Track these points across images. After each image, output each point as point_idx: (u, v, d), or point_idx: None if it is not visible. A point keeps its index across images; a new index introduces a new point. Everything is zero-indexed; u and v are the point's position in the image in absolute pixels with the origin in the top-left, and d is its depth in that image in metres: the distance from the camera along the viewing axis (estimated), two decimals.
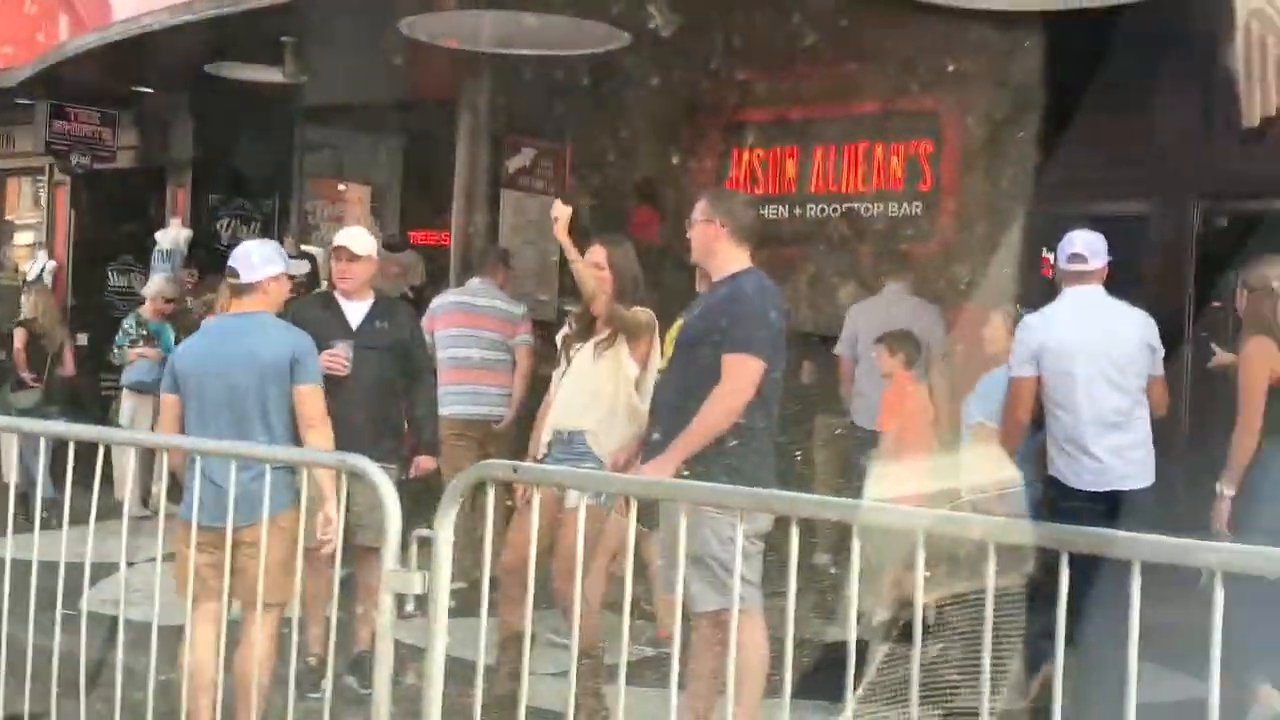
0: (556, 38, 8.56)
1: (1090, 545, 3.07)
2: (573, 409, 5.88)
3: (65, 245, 13.92)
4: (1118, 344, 5.94)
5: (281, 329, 5.63)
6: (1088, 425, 5.87)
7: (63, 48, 10.96)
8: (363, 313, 6.50)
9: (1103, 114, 8.27)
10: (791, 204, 10.05)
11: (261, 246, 5.78)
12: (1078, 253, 6.04)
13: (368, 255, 6.53)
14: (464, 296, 8.61)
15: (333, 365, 6.19)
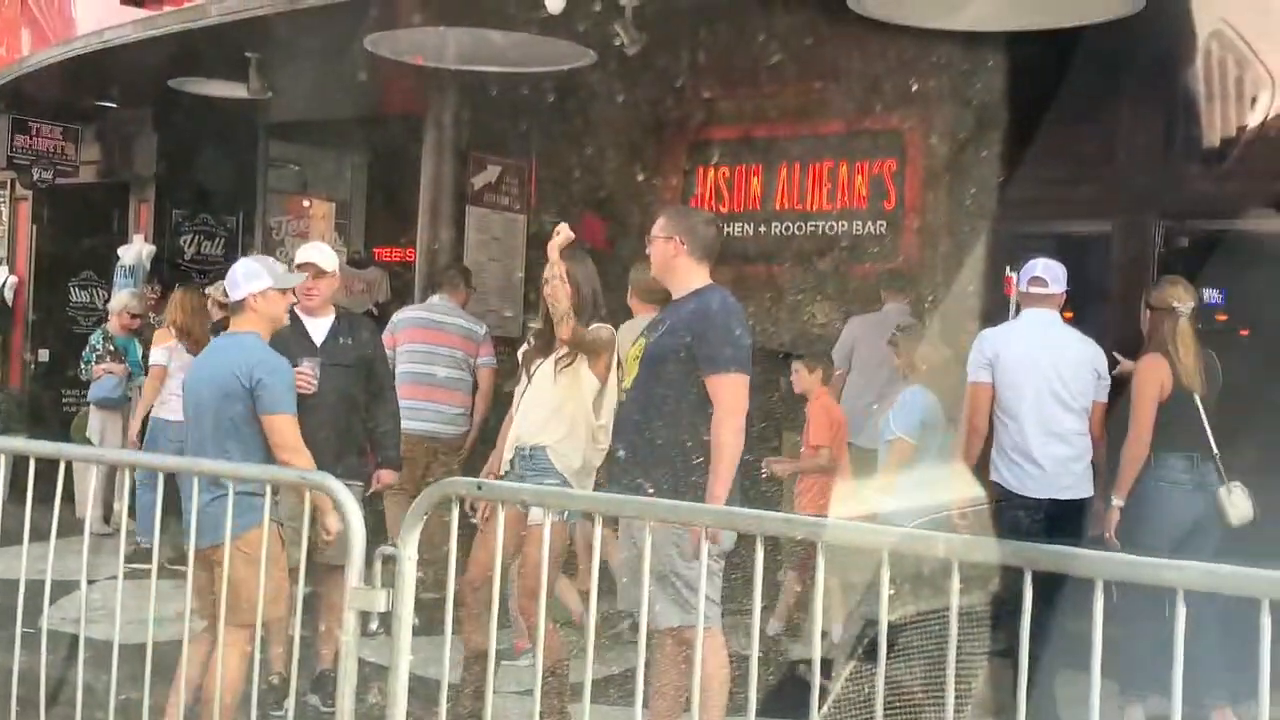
0: (522, 55, 8.57)
1: (1053, 563, 3.09)
2: (534, 425, 5.87)
3: (27, 260, 13.80)
4: (1067, 365, 6.22)
5: (249, 351, 5.50)
6: (1033, 436, 6.14)
7: (25, 61, 10.90)
8: (325, 329, 6.46)
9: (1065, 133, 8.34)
10: (756, 221, 10.08)
11: (246, 264, 5.71)
12: (1039, 276, 6.34)
13: (333, 271, 6.51)
14: (426, 313, 8.59)
15: (300, 385, 6.15)
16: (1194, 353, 6.19)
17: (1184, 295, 6.26)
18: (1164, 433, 6.15)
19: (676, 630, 5.09)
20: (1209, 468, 6.17)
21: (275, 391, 5.37)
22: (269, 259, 5.96)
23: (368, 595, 4.00)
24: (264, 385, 5.35)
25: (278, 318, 5.63)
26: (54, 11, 10.77)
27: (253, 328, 5.55)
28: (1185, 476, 6.18)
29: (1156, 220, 8.84)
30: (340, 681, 4.13)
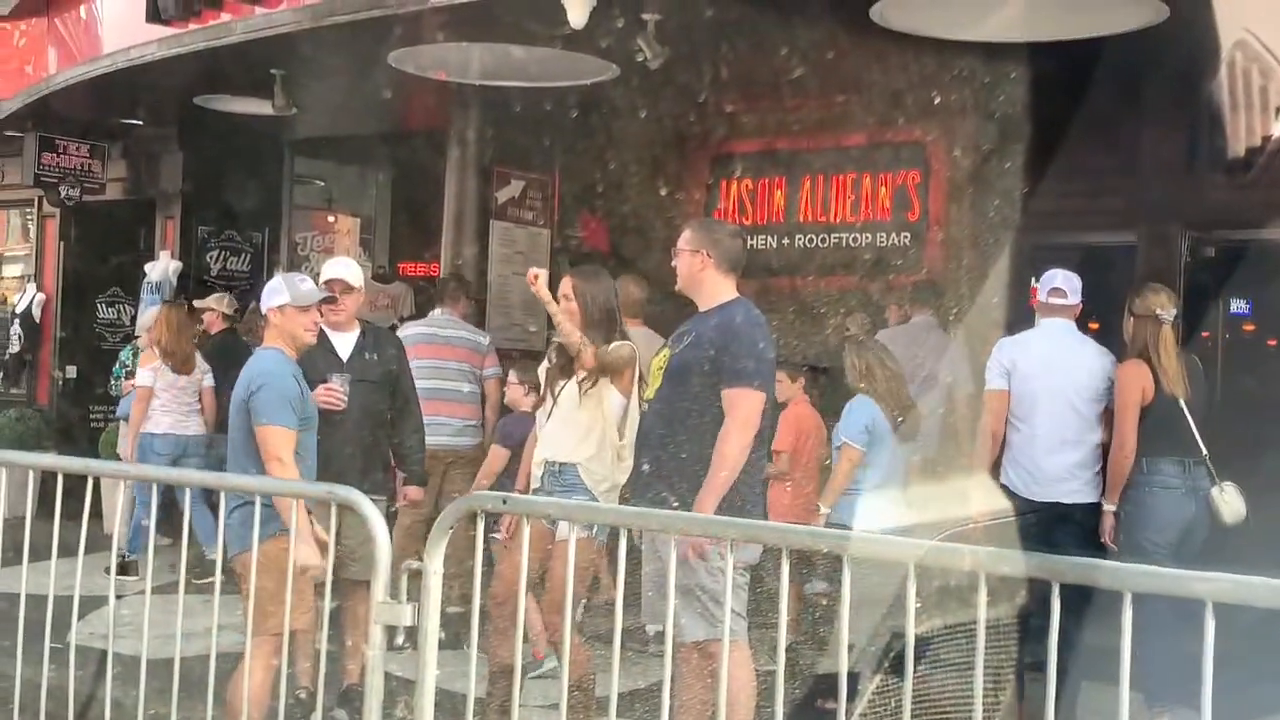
0: (545, 70, 8.60)
1: (1080, 576, 3.08)
2: (563, 443, 5.87)
3: (54, 278, 13.90)
4: (1080, 373, 6.35)
5: (254, 363, 5.64)
6: (1044, 442, 6.29)
7: (51, 80, 10.97)
8: (351, 344, 6.46)
9: (1089, 144, 8.31)
10: (780, 234, 10.08)
11: (273, 281, 5.81)
12: (1058, 287, 6.49)
13: (360, 287, 6.50)
14: (430, 328, 8.60)
15: (330, 401, 6.15)
16: (1176, 359, 6.26)
17: (1166, 303, 6.34)
18: (1152, 438, 6.20)
19: (702, 644, 5.08)
20: (1200, 471, 6.23)
21: (265, 402, 5.41)
22: (295, 276, 5.97)
23: (393, 610, 4.00)
24: (256, 396, 5.43)
25: (297, 335, 5.65)
26: (80, 30, 10.85)
27: (273, 343, 5.63)
28: (1177, 480, 6.23)
29: (1182, 231, 8.80)
30: (367, 696, 4.14)
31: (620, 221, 10.49)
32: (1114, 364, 6.39)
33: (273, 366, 5.55)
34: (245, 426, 5.46)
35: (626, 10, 7.24)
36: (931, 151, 9.38)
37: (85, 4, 10.68)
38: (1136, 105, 8.77)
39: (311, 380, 6.03)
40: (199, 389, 9.59)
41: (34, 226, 14.42)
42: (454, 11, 7.32)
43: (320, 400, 6.06)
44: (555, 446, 5.89)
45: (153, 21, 8.94)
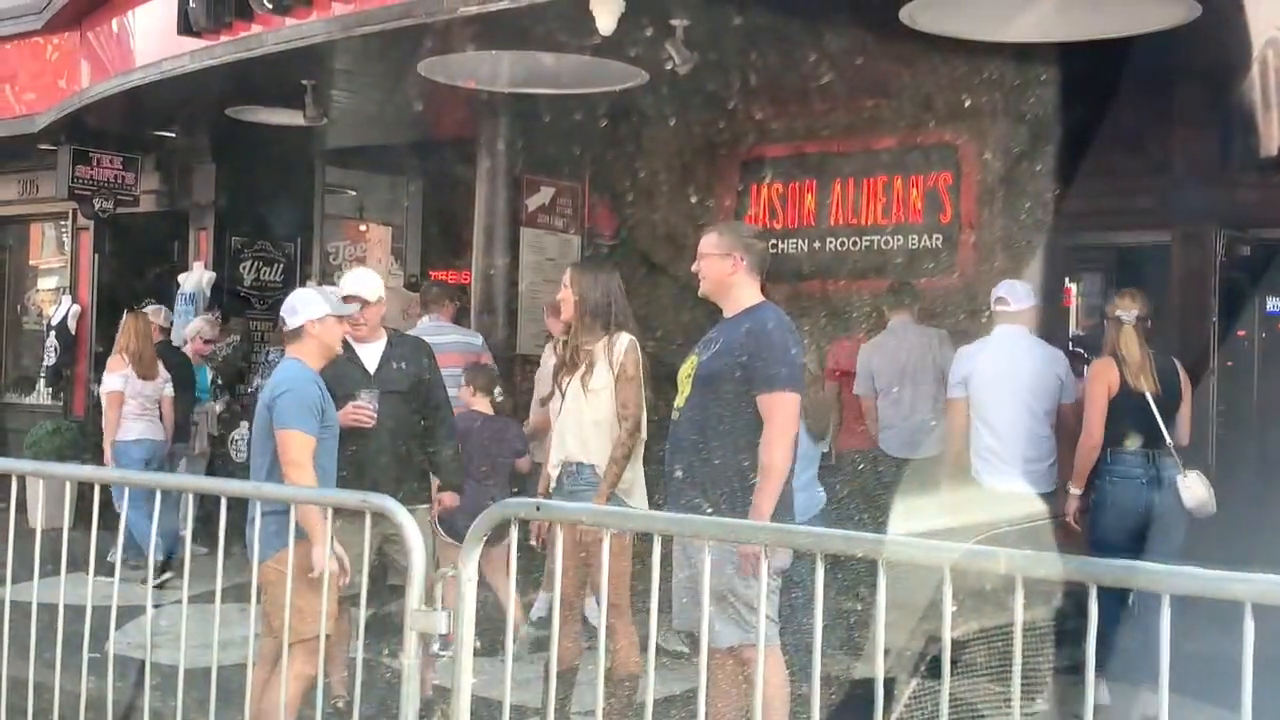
0: (574, 77, 8.61)
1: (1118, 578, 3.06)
2: (578, 442, 5.92)
3: (89, 290, 14.00)
4: (1032, 375, 6.97)
5: (279, 372, 5.68)
6: (1005, 439, 6.89)
7: (84, 93, 11.05)
8: (378, 354, 6.42)
9: (1121, 144, 8.28)
10: (811, 238, 10.06)
11: (302, 292, 5.88)
12: (1002, 296, 7.15)
13: (379, 299, 6.43)
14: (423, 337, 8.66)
15: (359, 418, 6.15)
16: (1139, 355, 6.68)
17: (1129, 305, 6.78)
18: (1116, 430, 6.65)
19: (736, 649, 5.07)
20: (1167, 461, 6.60)
21: (287, 407, 5.44)
22: (327, 288, 6.07)
23: (428, 617, 4.01)
24: (278, 401, 5.46)
25: (332, 345, 5.71)
26: (113, 44, 10.92)
27: (303, 355, 5.65)
28: (1139, 470, 6.63)
29: (1216, 230, 8.75)
30: (402, 704, 4.15)
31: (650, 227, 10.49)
32: (1065, 363, 7.08)
33: (297, 373, 5.58)
34: (268, 431, 5.49)
35: (655, 17, 7.24)
36: (963, 153, 9.34)
37: (117, 17, 10.75)
38: (1169, 104, 8.73)
39: (340, 395, 6.04)
40: (160, 396, 9.95)
41: (69, 239, 14.53)
42: (483, 20, 7.34)
43: (349, 419, 6.07)
44: (570, 446, 5.93)
45: (184, 34, 8.99)
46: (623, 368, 5.87)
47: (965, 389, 7.02)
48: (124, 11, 10.50)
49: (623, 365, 5.87)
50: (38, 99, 12.45)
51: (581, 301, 5.94)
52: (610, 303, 5.96)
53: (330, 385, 6.07)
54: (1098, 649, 3.08)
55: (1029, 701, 5.14)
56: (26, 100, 12.68)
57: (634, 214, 10.49)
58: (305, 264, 13.36)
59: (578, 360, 5.94)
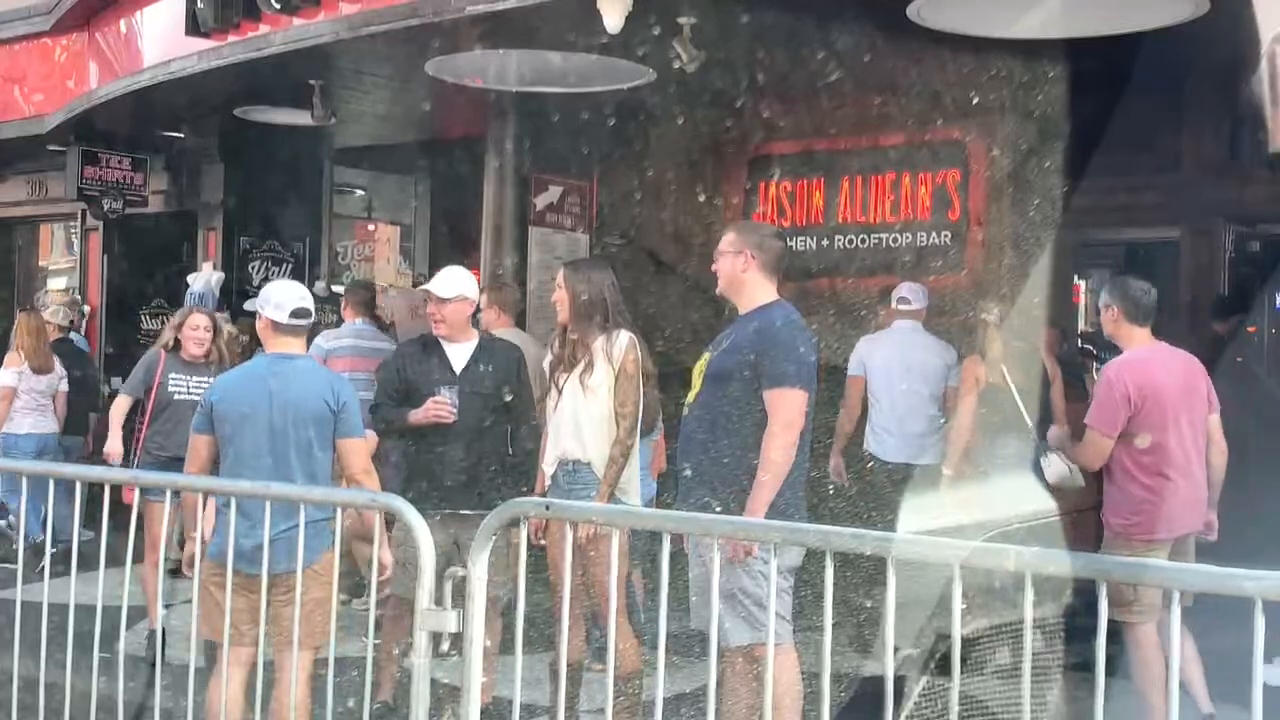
0: (582, 76, 8.60)
1: (1127, 575, 3.06)
2: (575, 440, 5.90)
3: (98, 290, 14.02)
4: (922, 363, 8.00)
5: (322, 375, 5.63)
6: (892, 415, 7.95)
7: (93, 94, 11.07)
8: (466, 355, 6.33)
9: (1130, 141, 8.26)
10: (819, 235, 10.05)
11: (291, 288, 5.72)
12: (904, 296, 8.17)
13: (457, 296, 6.32)
14: (357, 340, 9.04)
15: (439, 414, 6.12)
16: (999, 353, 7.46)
17: (990, 308, 7.71)
18: (987, 418, 7.35)
19: (747, 648, 5.07)
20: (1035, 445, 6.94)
21: (353, 414, 5.42)
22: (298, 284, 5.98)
23: (438, 616, 4.01)
24: (346, 409, 5.38)
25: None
26: (121, 44, 10.93)
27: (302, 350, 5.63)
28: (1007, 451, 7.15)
29: (1225, 226, 8.73)
30: (413, 703, 4.15)
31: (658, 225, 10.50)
32: (950, 352, 8.00)
33: (341, 382, 5.57)
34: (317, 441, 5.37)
35: (662, 15, 7.24)
36: (971, 150, 9.33)
37: (125, 18, 10.77)
38: (1177, 100, 8.71)
39: (424, 393, 6.09)
40: (55, 390, 10.49)
41: (78, 240, 14.56)
42: (490, 19, 7.34)
43: (430, 414, 6.08)
44: (567, 444, 5.92)
45: (192, 34, 9.00)
46: (622, 366, 5.86)
47: (863, 370, 8.06)
48: (132, 12, 10.51)
49: (622, 364, 5.87)
50: (46, 100, 12.47)
51: (574, 300, 5.93)
52: (604, 300, 5.95)
53: (415, 382, 6.12)
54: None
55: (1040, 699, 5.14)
56: (35, 101, 12.70)
57: (642, 212, 10.49)
58: (314, 264, 13.37)
59: (575, 358, 5.93)
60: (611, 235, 10.97)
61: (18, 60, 12.84)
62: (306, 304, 5.56)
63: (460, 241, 12.68)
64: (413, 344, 6.69)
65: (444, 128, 11.29)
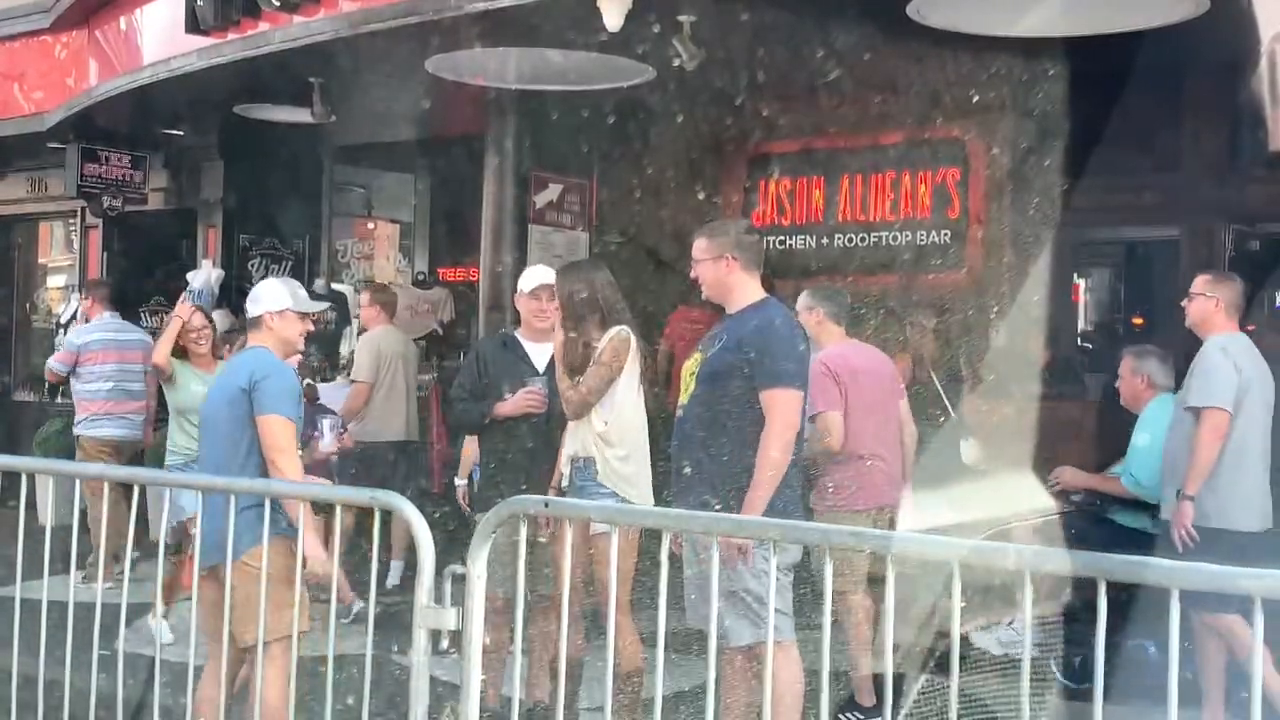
0: (582, 74, 8.60)
1: (1128, 573, 3.06)
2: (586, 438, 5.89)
3: None
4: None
5: (252, 358, 5.47)
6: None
7: (93, 92, 11.07)
8: (548, 354, 6.27)
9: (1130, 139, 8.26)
10: (819, 234, 10.05)
11: (269, 284, 5.71)
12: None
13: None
14: (109, 333, 9.71)
15: (530, 403, 6.16)
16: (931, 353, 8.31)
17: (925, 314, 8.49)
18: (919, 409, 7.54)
19: (748, 647, 5.07)
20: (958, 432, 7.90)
21: (270, 392, 5.27)
22: (294, 282, 5.88)
23: (438, 614, 4.01)
24: (260, 386, 5.26)
25: (291, 340, 5.56)
26: (121, 42, 10.93)
27: (265, 343, 5.51)
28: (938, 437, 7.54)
29: (1225, 225, 8.73)
30: (411, 702, 4.15)
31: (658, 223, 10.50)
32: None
33: (274, 360, 5.43)
34: (238, 418, 5.29)
35: (662, 13, 7.24)
36: (971, 149, 9.33)
37: (125, 16, 10.76)
38: (1177, 99, 8.71)
39: (508, 386, 6.14)
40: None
41: (77, 237, 14.55)
42: (490, 17, 7.34)
43: (523, 403, 6.13)
44: (574, 441, 5.93)
45: (192, 32, 9.00)
46: (600, 352, 5.84)
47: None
48: (132, 10, 10.51)
49: (601, 350, 5.84)
50: (46, 97, 12.47)
51: (567, 304, 5.92)
52: (599, 299, 5.94)
53: (496, 378, 6.15)
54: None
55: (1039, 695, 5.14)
56: (35, 99, 12.69)
57: (642, 211, 10.49)
58: (314, 261, 13.37)
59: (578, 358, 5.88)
60: (611, 233, 10.97)
61: (17, 58, 12.83)
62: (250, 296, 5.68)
63: (460, 239, 12.69)
64: (491, 342, 6.81)
65: (444, 125, 11.29)
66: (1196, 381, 6.17)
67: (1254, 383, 6.20)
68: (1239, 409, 6.10)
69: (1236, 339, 6.26)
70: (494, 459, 6.34)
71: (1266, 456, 6.19)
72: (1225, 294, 6.30)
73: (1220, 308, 6.27)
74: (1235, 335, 6.27)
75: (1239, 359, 6.19)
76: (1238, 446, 6.09)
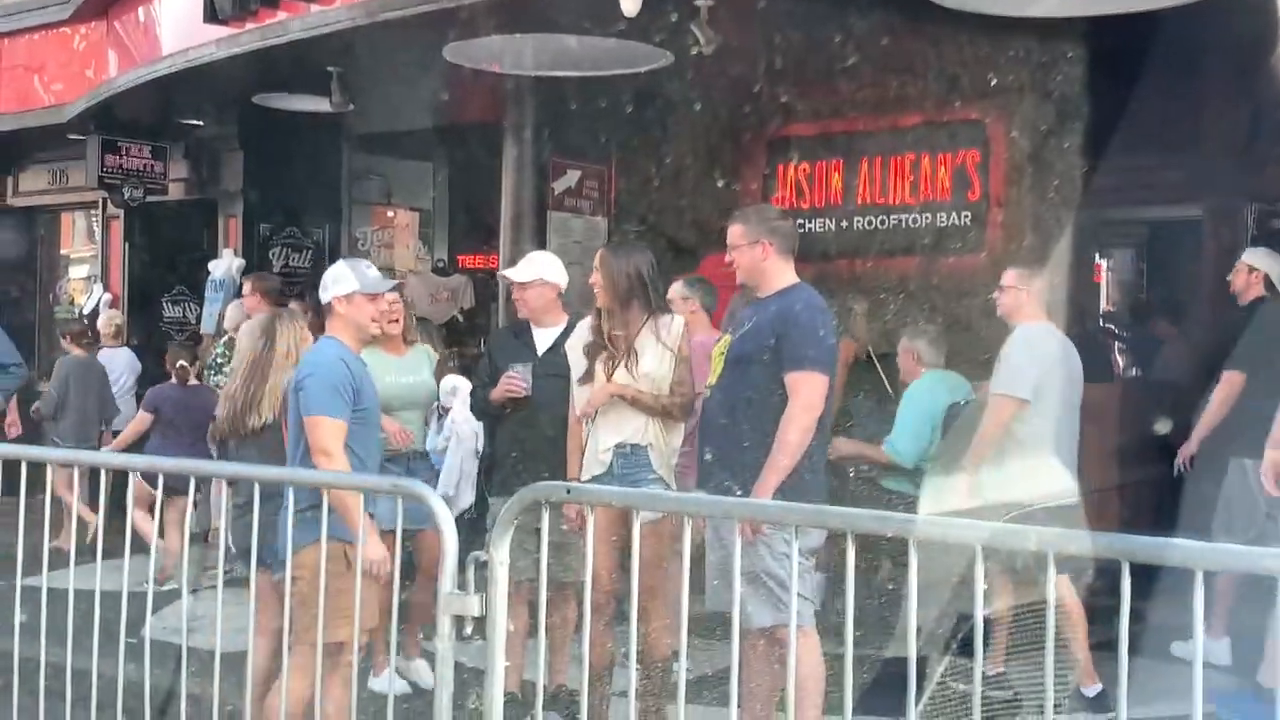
0: (599, 59, 8.59)
1: (1151, 555, 3.05)
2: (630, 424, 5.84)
3: (120, 278, 14.07)
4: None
5: (310, 356, 5.42)
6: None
7: (112, 83, 11.10)
8: (551, 339, 6.34)
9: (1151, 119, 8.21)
10: (838, 217, 10.02)
11: (337, 266, 5.52)
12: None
13: (536, 280, 6.34)
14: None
15: (510, 389, 6.17)
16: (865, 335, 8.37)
17: (859, 299, 8.51)
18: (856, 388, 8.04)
19: (769, 630, 5.08)
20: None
21: (312, 392, 5.15)
22: (361, 263, 5.64)
23: (461, 601, 4.02)
24: (303, 387, 5.18)
25: (363, 325, 5.38)
26: (139, 33, 10.96)
27: (338, 333, 5.37)
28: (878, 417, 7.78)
29: (1248, 204, 8.69)
30: (436, 689, 4.17)
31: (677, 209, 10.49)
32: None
33: (325, 355, 5.29)
34: (296, 421, 5.25)
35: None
36: (991, 131, 9.29)
37: (144, 6, 10.80)
38: (1198, 78, 8.67)
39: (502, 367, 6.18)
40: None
41: (99, 228, 14.60)
42: (507, 4, 7.34)
43: (503, 390, 6.16)
44: (621, 428, 5.85)
45: (210, 22, 9.02)
46: (679, 348, 5.88)
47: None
48: (150, 1, 10.54)
49: (679, 347, 5.88)
50: (66, 89, 12.52)
51: (613, 286, 5.92)
52: (645, 283, 5.94)
53: (500, 366, 6.19)
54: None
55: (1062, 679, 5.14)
56: (55, 90, 12.75)
57: (660, 196, 10.48)
58: (334, 250, 13.39)
59: (616, 344, 5.89)
60: (630, 219, 10.97)
61: (37, 50, 12.89)
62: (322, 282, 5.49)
63: (479, 226, 12.71)
64: (505, 330, 6.81)
65: (462, 113, 11.29)
66: (1002, 368, 6.53)
67: (1056, 368, 6.58)
68: (1041, 394, 6.42)
69: (1043, 329, 6.63)
70: (514, 447, 6.35)
71: (1074, 437, 6.56)
72: (1033, 286, 6.69)
73: (1030, 299, 6.65)
74: (1042, 324, 6.64)
75: (1043, 347, 6.58)
76: (1038, 429, 6.39)
